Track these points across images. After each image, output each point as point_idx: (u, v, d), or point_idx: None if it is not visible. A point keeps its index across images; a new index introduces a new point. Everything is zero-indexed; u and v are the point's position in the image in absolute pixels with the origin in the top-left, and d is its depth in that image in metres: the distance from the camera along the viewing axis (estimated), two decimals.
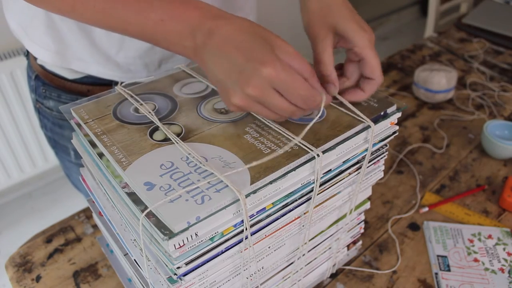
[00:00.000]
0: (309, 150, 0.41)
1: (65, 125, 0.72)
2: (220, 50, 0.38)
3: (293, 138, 0.41)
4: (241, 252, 0.41)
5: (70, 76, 0.68)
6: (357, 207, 0.54)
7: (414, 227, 0.68)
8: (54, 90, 0.70)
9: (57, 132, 0.74)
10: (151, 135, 0.43)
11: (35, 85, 0.72)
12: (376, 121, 0.45)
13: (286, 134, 0.43)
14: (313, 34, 0.48)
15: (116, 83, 0.60)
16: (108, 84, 0.67)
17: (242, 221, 0.38)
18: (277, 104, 0.39)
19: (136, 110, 0.47)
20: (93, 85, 0.68)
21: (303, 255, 0.50)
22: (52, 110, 0.72)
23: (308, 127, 0.41)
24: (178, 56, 0.67)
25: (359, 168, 0.47)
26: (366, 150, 0.46)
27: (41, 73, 0.70)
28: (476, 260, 0.62)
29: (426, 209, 0.70)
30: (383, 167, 0.52)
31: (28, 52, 0.72)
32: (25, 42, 0.67)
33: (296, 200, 0.42)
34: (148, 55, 0.64)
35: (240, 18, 0.40)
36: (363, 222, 0.58)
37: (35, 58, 0.69)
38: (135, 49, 0.63)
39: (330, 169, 0.43)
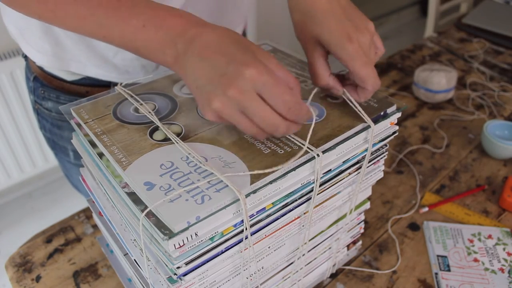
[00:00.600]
0: (309, 150, 0.41)
1: (64, 126, 0.72)
2: (201, 56, 0.37)
3: (301, 143, 0.41)
4: (241, 252, 0.41)
5: (68, 77, 0.68)
6: (357, 207, 0.54)
7: (414, 227, 0.68)
8: (52, 92, 0.70)
9: (56, 133, 0.74)
10: (151, 135, 0.43)
11: (34, 87, 0.72)
12: (376, 121, 0.45)
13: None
14: (303, 46, 0.47)
15: (114, 84, 0.60)
16: (106, 85, 0.67)
17: (242, 221, 0.38)
18: (259, 111, 0.36)
19: (136, 110, 0.47)
20: (92, 87, 0.68)
21: (303, 255, 0.50)
22: (51, 111, 0.72)
23: (311, 130, 0.41)
24: None
25: (359, 168, 0.47)
26: (366, 150, 0.46)
27: (40, 75, 0.70)
28: (476, 260, 0.62)
29: (426, 209, 0.70)
30: (383, 167, 0.52)
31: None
32: (22, 46, 0.67)
33: (296, 200, 0.42)
34: None
35: (224, 27, 0.39)
36: (363, 222, 0.58)
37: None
38: None
39: (330, 169, 0.43)
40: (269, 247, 0.45)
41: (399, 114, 0.47)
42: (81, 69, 0.65)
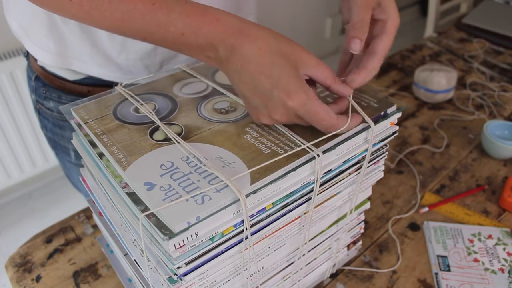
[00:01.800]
0: (309, 150, 0.41)
1: (66, 126, 0.72)
2: (245, 71, 0.39)
3: (301, 142, 0.42)
4: (241, 252, 0.41)
5: (70, 77, 0.68)
6: (357, 207, 0.54)
7: (414, 227, 0.68)
8: (54, 91, 0.70)
9: (57, 133, 0.74)
10: (151, 135, 0.43)
11: (35, 86, 0.72)
12: (376, 121, 0.45)
13: (286, 134, 0.43)
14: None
15: (116, 84, 0.60)
16: (108, 85, 0.67)
17: (242, 221, 0.38)
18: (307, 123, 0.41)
19: (136, 110, 0.47)
20: (94, 86, 0.68)
21: (303, 255, 0.50)
22: (53, 111, 0.72)
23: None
24: (180, 58, 0.67)
25: (359, 168, 0.47)
26: (366, 150, 0.46)
27: (42, 74, 0.70)
28: (476, 260, 0.62)
29: (426, 209, 0.70)
30: (383, 167, 0.52)
31: (28, 52, 0.72)
32: (25, 43, 0.66)
33: (296, 200, 0.42)
34: (149, 56, 0.64)
35: (262, 32, 0.40)
36: (363, 222, 0.58)
37: (35, 59, 0.69)
38: (136, 51, 0.63)
39: (330, 169, 0.43)
40: (269, 247, 0.45)
41: (399, 114, 0.47)
42: (84, 68, 0.65)
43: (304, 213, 0.45)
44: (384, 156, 0.50)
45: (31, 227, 1.68)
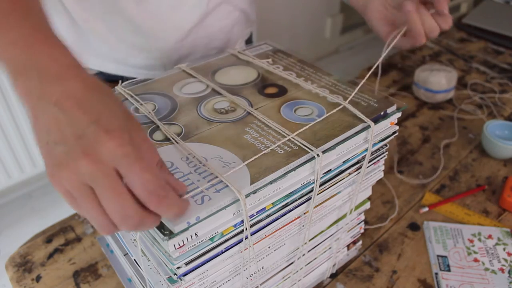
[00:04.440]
0: (309, 150, 0.41)
1: None
2: (59, 105, 0.30)
3: (301, 143, 0.41)
4: (241, 252, 0.41)
5: None
6: (357, 207, 0.54)
7: (414, 227, 0.68)
8: None
9: None
10: (151, 135, 0.43)
11: None
12: (376, 121, 0.45)
13: (287, 134, 0.43)
14: None
15: (127, 79, 0.60)
16: (116, 81, 0.68)
17: (242, 221, 0.38)
18: (110, 190, 0.29)
19: (136, 110, 0.47)
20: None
21: (303, 255, 0.50)
22: None
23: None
24: (195, 56, 0.68)
25: (359, 168, 0.47)
26: (366, 150, 0.46)
27: None
28: (476, 260, 0.62)
29: (426, 209, 0.70)
30: (383, 167, 0.52)
31: None
32: None
33: (296, 200, 0.42)
34: (167, 56, 0.65)
35: (98, 80, 0.33)
36: (363, 222, 0.58)
37: None
38: (158, 50, 0.63)
39: (330, 169, 0.43)
40: (269, 247, 0.45)
41: (399, 114, 0.47)
42: (99, 65, 0.65)
43: (304, 213, 0.45)
44: (384, 156, 0.50)
45: (31, 227, 1.68)
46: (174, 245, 0.34)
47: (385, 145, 0.49)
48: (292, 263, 0.50)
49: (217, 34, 0.69)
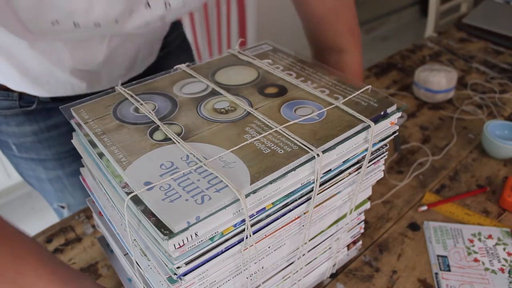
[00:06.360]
0: (309, 150, 0.41)
1: (1, 120, 0.70)
2: None
3: (301, 143, 0.41)
4: (241, 252, 0.41)
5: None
6: (357, 207, 0.54)
7: (414, 227, 0.68)
8: None
9: None
10: (151, 135, 0.43)
11: None
12: (376, 121, 0.45)
13: (287, 134, 0.43)
14: None
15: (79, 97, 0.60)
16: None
17: (242, 221, 0.38)
18: None
19: (136, 110, 0.47)
20: None
21: (303, 255, 0.50)
22: None
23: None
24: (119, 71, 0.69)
25: (359, 168, 0.47)
26: (366, 150, 0.46)
27: None
28: (476, 260, 0.62)
29: (425, 207, 0.70)
30: (383, 167, 0.52)
31: None
32: None
33: (296, 200, 0.42)
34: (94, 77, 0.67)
35: None
36: (363, 222, 0.58)
37: None
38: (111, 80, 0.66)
39: (330, 169, 0.43)
40: (269, 247, 0.45)
41: (399, 114, 0.47)
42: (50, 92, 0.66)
43: (304, 213, 0.45)
44: (384, 156, 0.50)
45: (31, 227, 1.68)
46: (174, 245, 0.34)
47: (385, 145, 0.49)
48: (292, 263, 0.50)
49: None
